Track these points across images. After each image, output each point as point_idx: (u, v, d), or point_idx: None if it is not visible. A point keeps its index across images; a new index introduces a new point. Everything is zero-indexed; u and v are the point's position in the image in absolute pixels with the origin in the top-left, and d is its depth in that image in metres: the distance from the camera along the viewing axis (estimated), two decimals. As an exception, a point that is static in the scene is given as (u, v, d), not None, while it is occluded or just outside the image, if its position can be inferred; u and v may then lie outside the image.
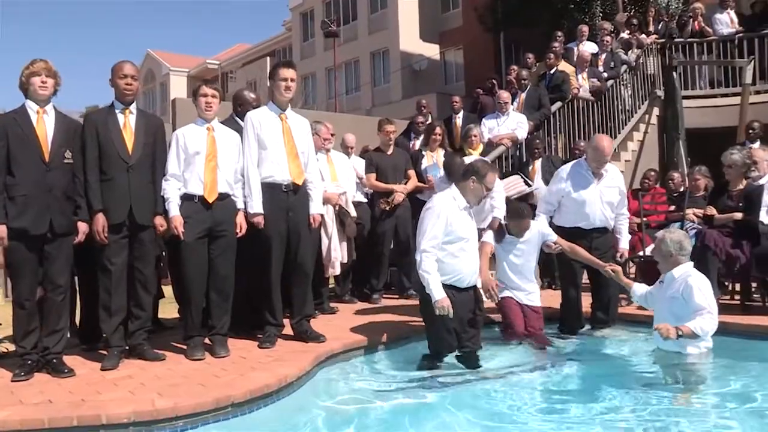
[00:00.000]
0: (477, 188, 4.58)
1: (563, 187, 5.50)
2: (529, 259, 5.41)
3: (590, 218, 5.43)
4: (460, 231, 4.49)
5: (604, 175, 5.47)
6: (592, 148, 5.48)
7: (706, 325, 4.30)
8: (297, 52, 32.89)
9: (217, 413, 3.51)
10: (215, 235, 4.62)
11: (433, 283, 4.36)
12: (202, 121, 4.72)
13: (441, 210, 4.46)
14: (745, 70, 10.92)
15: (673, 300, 4.52)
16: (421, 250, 4.42)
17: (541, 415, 3.64)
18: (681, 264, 4.59)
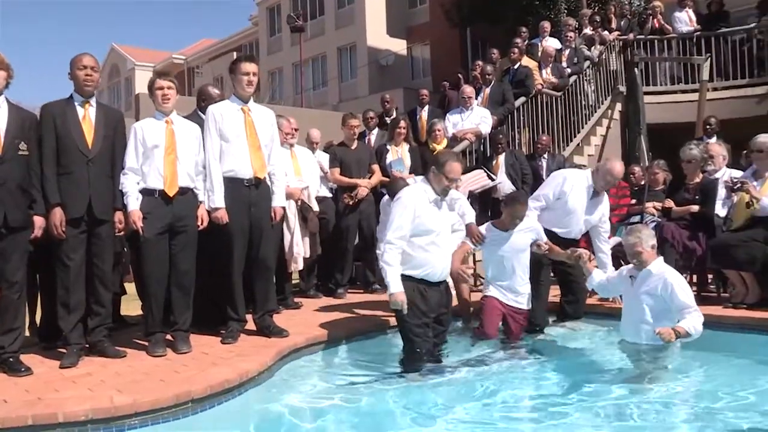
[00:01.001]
0: (436, 178, 4.51)
1: (567, 190, 5.51)
2: (520, 255, 5.20)
3: (569, 228, 5.52)
4: (429, 223, 4.44)
5: (599, 197, 5.58)
6: (606, 170, 5.51)
7: (697, 323, 4.32)
8: (264, 48, 32.63)
9: (176, 409, 3.48)
10: (176, 231, 4.57)
11: (391, 275, 4.33)
12: (161, 114, 4.66)
13: (409, 202, 4.42)
14: (702, 67, 11.15)
15: (650, 296, 4.52)
16: (386, 240, 4.39)
17: (505, 407, 3.67)
18: (653, 257, 4.61)
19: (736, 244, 5.50)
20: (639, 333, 4.58)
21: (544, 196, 5.60)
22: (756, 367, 4.32)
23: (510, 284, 5.20)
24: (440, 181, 4.50)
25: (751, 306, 5.42)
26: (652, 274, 4.56)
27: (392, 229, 4.39)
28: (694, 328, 4.28)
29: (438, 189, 4.53)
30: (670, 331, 4.20)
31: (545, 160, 8.17)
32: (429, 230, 4.44)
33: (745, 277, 5.54)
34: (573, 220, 5.52)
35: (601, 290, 5.12)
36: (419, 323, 4.44)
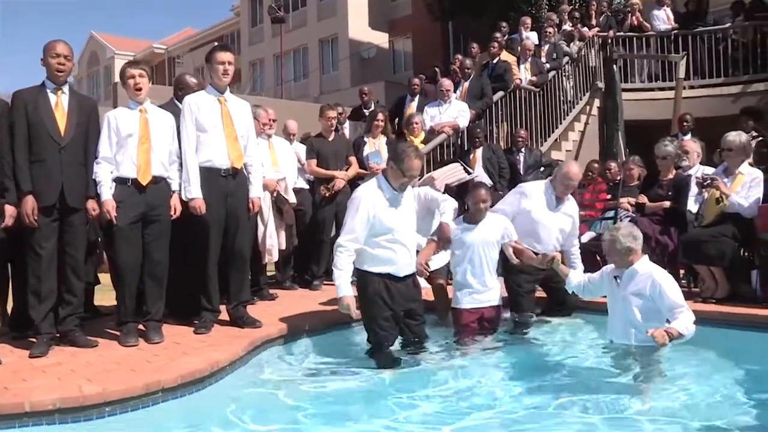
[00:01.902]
0: (393, 173, 4.42)
1: (525, 204, 5.42)
2: (489, 249, 5.11)
3: (544, 242, 5.39)
4: (387, 222, 4.38)
5: (565, 202, 5.49)
6: (563, 174, 5.44)
7: (689, 323, 4.13)
8: (245, 38, 32.44)
9: (146, 398, 3.47)
10: (149, 220, 4.55)
11: (340, 279, 4.30)
12: (134, 103, 4.63)
13: (360, 203, 4.34)
14: (678, 64, 11.28)
15: (639, 297, 4.35)
16: (337, 244, 4.36)
17: (478, 401, 3.68)
18: (639, 256, 4.44)
19: (707, 240, 5.57)
20: (628, 334, 4.39)
21: (502, 210, 5.49)
22: (725, 361, 4.36)
23: (480, 280, 5.10)
24: (398, 177, 4.42)
25: (720, 301, 5.50)
26: (639, 273, 4.38)
27: (345, 232, 4.36)
28: (686, 328, 4.10)
29: (395, 185, 4.45)
30: (663, 333, 3.97)
31: (523, 154, 8.22)
32: (388, 228, 4.38)
33: (715, 272, 5.62)
34: (543, 232, 5.39)
35: (581, 292, 4.93)
36: (386, 316, 4.44)
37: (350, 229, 4.34)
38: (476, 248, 5.08)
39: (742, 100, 11.15)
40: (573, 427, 3.20)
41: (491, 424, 3.29)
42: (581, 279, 4.91)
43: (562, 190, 5.41)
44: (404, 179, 4.43)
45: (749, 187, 5.67)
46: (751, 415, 3.40)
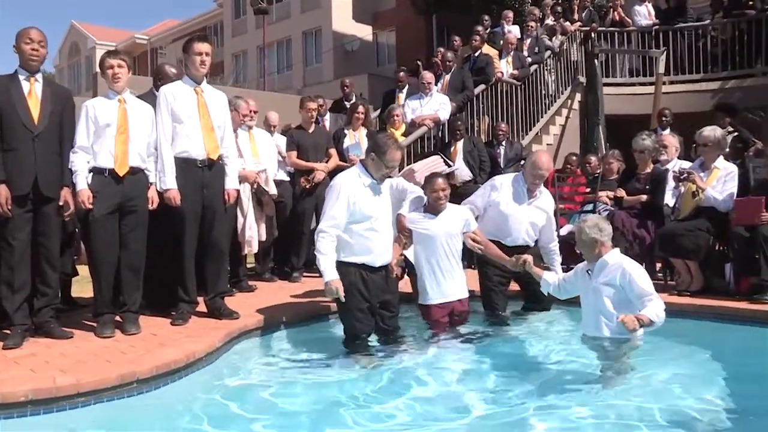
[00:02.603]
0: (375, 165, 4.45)
1: (494, 196, 5.37)
2: (452, 239, 5.04)
3: (514, 235, 5.29)
4: (366, 209, 4.39)
5: (537, 195, 5.38)
6: (531, 163, 5.37)
7: (660, 311, 4.13)
8: (228, 30, 32.24)
9: (121, 389, 3.46)
10: (126, 210, 4.53)
11: (325, 264, 4.29)
12: (113, 93, 4.59)
13: (341, 189, 4.36)
14: (658, 60, 11.37)
15: (610, 287, 4.32)
16: (319, 229, 4.36)
17: (450, 395, 3.70)
18: (608, 248, 4.41)
19: (682, 233, 5.63)
20: (600, 326, 4.35)
21: (472, 202, 5.48)
22: (699, 353, 4.39)
23: (445, 273, 5.00)
24: (379, 168, 4.45)
25: (694, 294, 5.57)
26: (609, 264, 4.36)
27: (326, 218, 4.35)
28: (657, 315, 4.10)
29: (376, 175, 4.47)
30: (633, 319, 3.97)
31: (503, 147, 8.25)
32: (367, 216, 4.39)
33: (690, 265, 5.68)
34: (513, 225, 5.30)
35: (557, 293, 4.87)
36: (362, 308, 4.44)
37: (331, 215, 4.34)
38: (439, 240, 4.98)
39: (720, 96, 11.27)
40: (542, 420, 3.21)
41: (463, 417, 3.30)
42: (556, 279, 4.86)
43: (532, 181, 5.32)
44: (386, 170, 4.47)
45: (724, 182, 5.75)
46: (723, 405, 3.44)
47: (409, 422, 3.22)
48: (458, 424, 3.21)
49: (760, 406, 3.50)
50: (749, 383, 3.86)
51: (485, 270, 5.39)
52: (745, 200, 5.49)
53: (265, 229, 6.49)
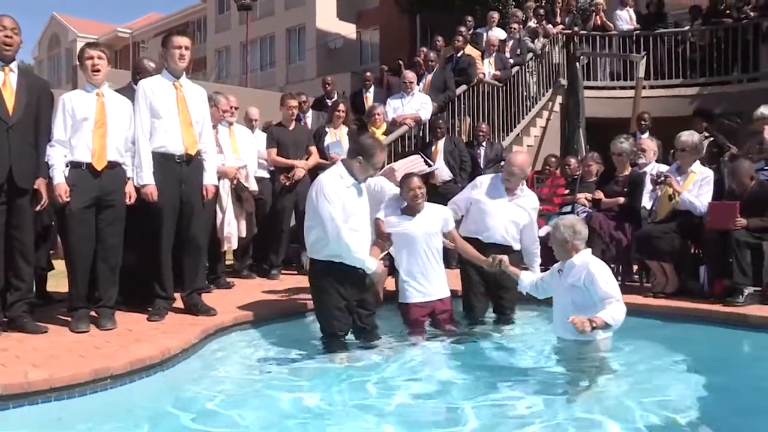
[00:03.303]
0: (363, 168, 4.47)
1: (474, 194, 5.36)
2: (432, 239, 5.01)
3: (491, 231, 5.22)
4: (348, 210, 4.39)
5: (519, 194, 5.32)
6: (507, 163, 5.37)
7: (617, 313, 4.04)
8: (212, 25, 32.06)
9: (94, 385, 3.43)
10: (103, 205, 4.49)
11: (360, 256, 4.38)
12: (91, 86, 4.55)
13: (331, 192, 4.32)
14: (638, 64, 11.49)
15: (574, 289, 4.29)
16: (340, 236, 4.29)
17: (424, 395, 3.69)
18: (579, 250, 4.35)
19: (658, 236, 5.70)
20: (566, 328, 4.18)
21: (455, 202, 5.48)
22: (672, 354, 4.43)
23: (426, 272, 4.99)
24: (366, 170, 4.48)
25: (669, 296, 5.64)
26: (576, 265, 4.33)
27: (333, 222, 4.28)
28: (612, 318, 3.99)
29: (361, 177, 4.49)
30: (584, 321, 3.86)
31: (483, 148, 8.29)
32: (348, 216, 4.37)
33: (666, 267, 5.75)
34: (490, 221, 5.23)
35: (535, 292, 4.84)
36: (339, 306, 4.43)
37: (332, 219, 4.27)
38: (418, 240, 4.96)
39: (698, 101, 11.43)
40: (514, 421, 3.23)
41: (435, 417, 3.32)
42: (533, 279, 4.83)
43: (507, 179, 5.28)
44: (372, 172, 4.51)
45: (700, 186, 5.82)
46: (695, 405, 3.49)
47: (383, 420, 3.23)
48: (431, 423, 3.23)
49: (730, 406, 3.57)
50: (720, 384, 3.90)
51: (466, 271, 5.38)
52: (719, 204, 5.57)
53: (244, 225, 6.46)
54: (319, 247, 4.43)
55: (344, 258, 4.39)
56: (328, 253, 4.41)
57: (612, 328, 4.07)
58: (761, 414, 3.42)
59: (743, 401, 3.66)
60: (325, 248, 4.40)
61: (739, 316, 4.99)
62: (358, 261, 4.41)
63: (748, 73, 11.69)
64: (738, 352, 4.66)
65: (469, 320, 5.31)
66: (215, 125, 5.88)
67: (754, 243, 5.31)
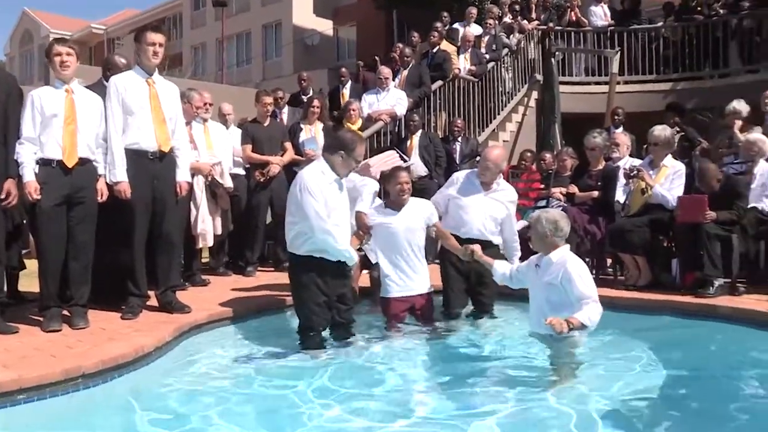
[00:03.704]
0: (346, 162, 4.47)
1: (451, 190, 5.36)
2: (415, 235, 5.03)
3: (468, 226, 5.19)
4: (330, 206, 4.38)
5: (495, 188, 5.30)
6: (482, 158, 5.37)
7: (593, 315, 3.99)
8: (187, 21, 31.86)
9: (66, 384, 3.40)
10: (74, 202, 4.44)
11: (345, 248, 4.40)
12: (60, 82, 4.49)
13: (314, 187, 4.31)
14: (611, 60, 11.60)
15: (551, 287, 4.22)
16: (323, 231, 4.28)
17: (401, 390, 3.71)
18: (558, 247, 4.27)
19: (631, 229, 5.76)
20: (541, 324, 4.13)
21: (434, 201, 5.45)
22: (645, 346, 4.46)
23: (407, 268, 5.02)
24: (349, 165, 4.49)
25: (642, 288, 5.71)
26: (553, 262, 4.25)
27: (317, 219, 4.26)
28: (589, 319, 3.96)
29: (343, 172, 4.50)
30: (561, 322, 3.82)
31: (459, 143, 8.32)
32: (330, 212, 4.36)
33: (639, 260, 5.82)
34: (466, 216, 5.22)
35: (508, 281, 4.79)
36: (319, 302, 4.42)
37: (319, 215, 4.27)
38: (401, 235, 4.98)
39: (671, 96, 11.54)
40: (489, 416, 3.23)
41: (412, 412, 3.31)
42: (507, 269, 4.78)
43: (482, 173, 5.29)
44: (353, 166, 4.52)
45: (672, 179, 5.90)
46: (667, 394, 3.58)
47: (360, 416, 3.23)
48: (409, 419, 3.22)
49: (700, 395, 3.62)
50: (691, 374, 3.97)
51: (446, 268, 5.37)
52: (689, 198, 5.65)
53: (220, 222, 6.42)
54: (300, 242, 4.41)
55: (327, 252, 4.39)
56: (309, 248, 4.39)
57: (588, 329, 4.03)
58: (730, 401, 3.48)
59: (713, 390, 3.73)
60: (307, 243, 4.38)
61: (710, 308, 5.07)
62: (341, 254, 4.41)
63: (718, 69, 11.86)
64: (708, 342, 4.72)
65: (449, 315, 5.31)
66: (189, 122, 5.84)
67: (723, 235, 5.39)
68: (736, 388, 3.76)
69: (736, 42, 11.68)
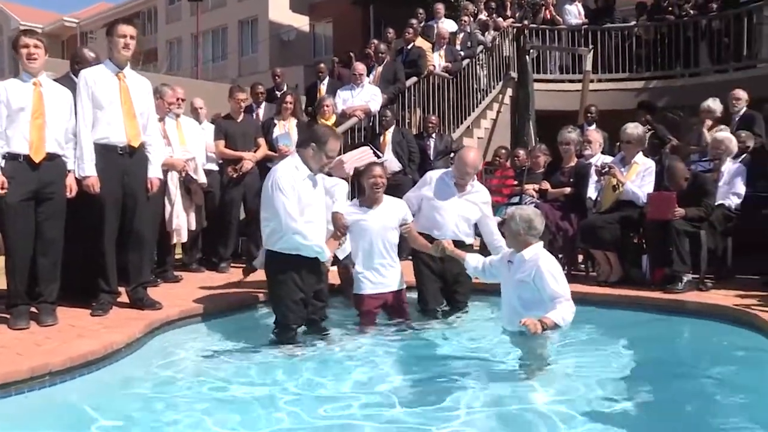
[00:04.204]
0: (317, 156, 4.44)
1: (425, 191, 5.35)
2: (388, 233, 5.03)
3: (443, 229, 5.18)
4: (304, 201, 4.37)
5: (469, 189, 5.29)
6: (457, 158, 5.35)
7: (567, 314, 3.97)
8: (162, 16, 31.52)
9: (32, 382, 3.35)
10: (42, 198, 4.36)
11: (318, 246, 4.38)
12: (28, 75, 4.41)
13: (285, 184, 4.30)
14: (585, 57, 11.72)
15: (523, 284, 4.20)
16: (293, 231, 4.28)
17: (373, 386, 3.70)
18: (531, 245, 4.25)
19: (602, 226, 5.83)
20: (513, 322, 4.17)
21: (408, 199, 5.43)
22: (616, 341, 4.54)
23: (381, 265, 5.03)
24: (320, 159, 4.45)
25: (613, 284, 5.78)
26: (525, 260, 4.22)
27: (287, 218, 4.25)
28: (563, 319, 3.93)
29: (315, 167, 4.47)
30: (536, 323, 3.79)
31: (433, 139, 8.33)
32: (304, 208, 4.36)
33: (610, 256, 5.89)
34: (440, 218, 5.22)
35: (481, 274, 4.79)
36: (296, 299, 4.41)
37: (290, 214, 4.26)
38: (375, 233, 4.99)
39: (643, 94, 11.71)
40: (462, 413, 3.24)
41: (386, 409, 3.30)
42: (479, 262, 4.77)
43: (458, 176, 5.27)
44: (326, 161, 4.49)
45: (642, 176, 5.98)
46: (636, 387, 3.62)
47: (334, 412, 3.24)
48: (382, 414, 3.22)
49: (667, 388, 3.70)
50: (659, 367, 4.07)
51: (418, 266, 5.37)
52: (657, 195, 5.73)
53: (194, 218, 6.37)
54: (275, 239, 4.40)
55: (300, 249, 4.38)
56: (283, 245, 4.38)
57: (561, 328, 4.01)
58: (694, 394, 3.58)
59: (679, 383, 3.79)
60: (281, 240, 4.37)
61: (678, 303, 5.15)
62: (314, 251, 4.39)
63: (689, 68, 12.06)
64: (675, 337, 4.79)
65: (422, 312, 5.33)
66: (162, 117, 5.79)
67: (692, 231, 5.49)
68: (700, 381, 3.84)
69: (705, 42, 11.87)
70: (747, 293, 5.25)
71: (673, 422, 3.26)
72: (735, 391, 3.63)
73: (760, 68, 11.54)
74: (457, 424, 3.08)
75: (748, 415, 3.26)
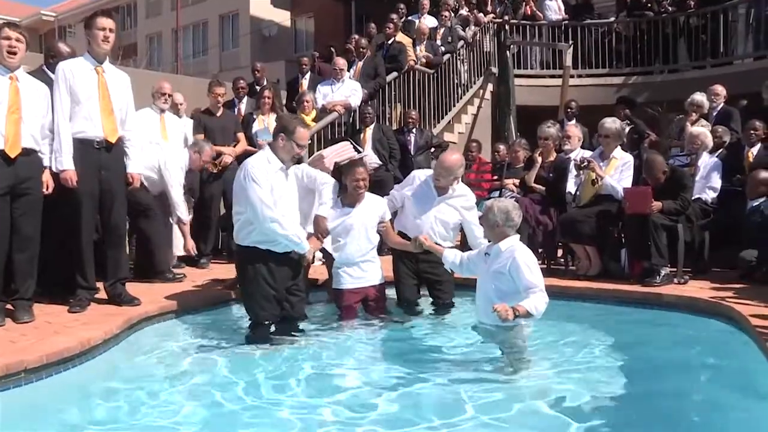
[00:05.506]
0: (287, 146, 4.41)
1: (407, 190, 5.32)
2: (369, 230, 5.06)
3: (419, 229, 5.10)
4: (276, 194, 4.33)
5: (451, 193, 5.20)
6: (438, 162, 5.28)
7: (539, 303, 4.00)
8: (142, 10, 31.17)
9: (7, 380, 3.31)
10: (18, 193, 4.31)
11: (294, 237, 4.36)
12: (5, 69, 4.34)
13: (259, 175, 4.27)
14: (565, 53, 11.78)
15: (499, 275, 4.22)
16: (270, 219, 4.24)
17: (351, 380, 3.74)
18: (508, 236, 4.28)
19: (581, 220, 5.87)
20: (488, 312, 4.11)
21: (392, 195, 5.44)
22: (595, 335, 4.58)
23: (361, 261, 5.05)
24: (291, 148, 4.42)
25: (593, 278, 5.82)
26: (501, 251, 4.25)
27: (263, 209, 4.22)
28: (535, 308, 3.96)
29: (286, 158, 4.45)
30: (507, 308, 3.81)
31: (414, 135, 8.33)
32: (276, 201, 4.32)
33: (589, 250, 5.93)
34: (417, 220, 5.18)
35: (458, 269, 4.80)
36: (267, 296, 4.38)
37: (266, 204, 4.23)
38: (357, 231, 5.01)
39: (623, 90, 11.82)
40: (441, 408, 3.27)
41: (367, 406, 3.30)
42: (457, 257, 4.75)
43: (437, 178, 5.16)
44: (296, 150, 4.45)
45: (621, 171, 6.03)
46: (615, 382, 3.66)
47: (311, 408, 3.25)
48: (361, 410, 3.23)
49: (645, 379, 3.76)
50: (636, 360, 4.10)
51: (397, 261, 5.37)
52: (634, 190, 5.79)
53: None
54: (246, 233, 4.38)
55: (275, 242, 4.35)
56: (255, 238, 4.36)
57: (534, 317, 4.05)
58: (671, 385, 3.63)
59: (656, 374, 3.85)
60: (253, 233, 4.35)
61: (655, 296, 5.21)
62: (291, 241, 4.37)
63: (668, 64, 12.17)
64: (652, 329, 4.84)
65: (400, 307, 5.34)
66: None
67: (669, 225, 5.54)
68: (676, 373, 3.89)
69: (684, 39, 11.99)
70: (723, 286, 5.32)
71: (650, 413, 3.29)
72: (710, 382, 3.70)
73: (736, 65, 11.71)
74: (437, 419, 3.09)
75: (723, 404, 3.32)
